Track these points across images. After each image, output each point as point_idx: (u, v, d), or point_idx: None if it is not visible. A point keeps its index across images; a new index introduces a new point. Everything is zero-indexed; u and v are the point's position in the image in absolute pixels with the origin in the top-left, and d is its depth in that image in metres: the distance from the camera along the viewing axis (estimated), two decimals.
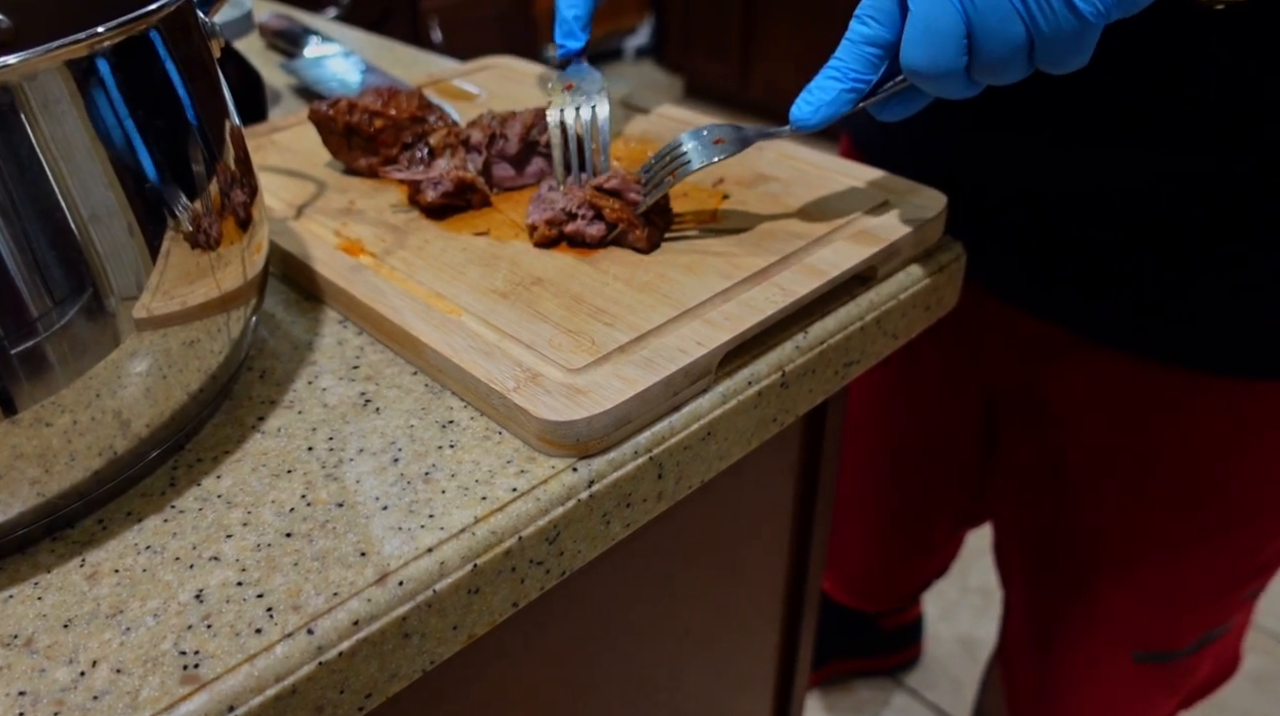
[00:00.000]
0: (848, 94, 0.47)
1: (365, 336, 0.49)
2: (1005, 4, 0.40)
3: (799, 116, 0.47)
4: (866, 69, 0.46)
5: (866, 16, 0.45)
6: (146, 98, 0.37)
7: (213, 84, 0.43)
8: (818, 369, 0.49)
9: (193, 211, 0.39)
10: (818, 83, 0.47)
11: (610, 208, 0.51)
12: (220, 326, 0.42)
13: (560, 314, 0.46)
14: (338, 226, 0.55)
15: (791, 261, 0.50)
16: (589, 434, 0.39)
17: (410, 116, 0.60)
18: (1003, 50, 0.42)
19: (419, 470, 0.39)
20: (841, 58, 0.47)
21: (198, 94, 0.41)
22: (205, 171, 0.40)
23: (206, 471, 0.40)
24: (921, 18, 0.42)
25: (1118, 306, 0.67)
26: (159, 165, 0.38)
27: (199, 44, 0.42)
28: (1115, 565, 0.80)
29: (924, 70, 0.43)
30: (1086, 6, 0.40)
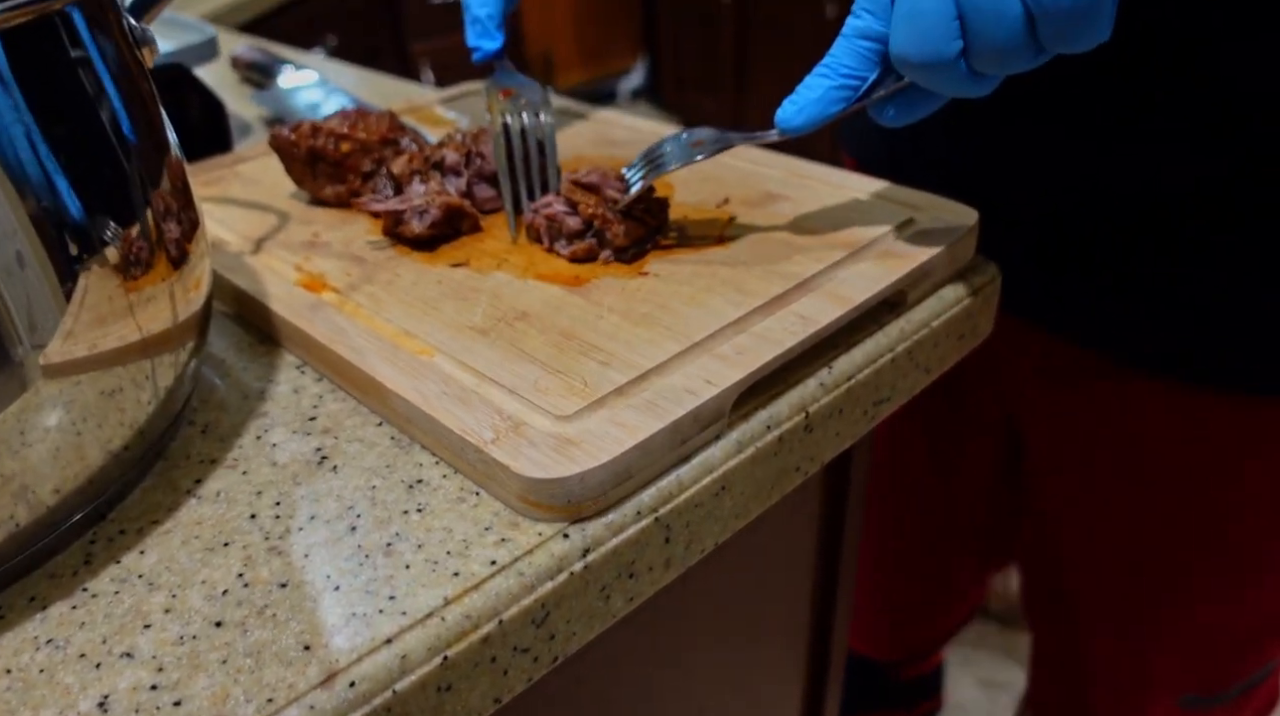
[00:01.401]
0: (837, 91, 0.41)
1: (325, 383, 0.42)
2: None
3: (783, 118, 0.42)
4: (860, 65, 0.41)
5: (861, 9, 0.40)
6: (54, 104, 0.31)
7: (143, 99, 0.37)
8: (845, 409, 0.43)
9: (110, 241, 0.33)
10: (806, 81, 0.42)
11: (585, 203, 0.45)
12: (147, 374, 0.36)
13: (547, 352, 0.39)
14: (299, 261, 0.49)
15: (811, 286, 0.43)
16: (582, 493, 0.33)
17: (380, 139, 0.54)
18: (1000, 31, 0.36)
19: (380, 540, 0.33)
20: (833, 53, 0.41)
21: (121, 107, 0.35)
22: (128, 195, 0.35)
23: (129, 545, 0.34)
24: (905, 1, 0.37)
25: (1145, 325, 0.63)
26: (68, 183, 0.32)
27: (124, 49, 0.36)
28: (1161, 606, 0.74)
29: (915, 59, 0.38)
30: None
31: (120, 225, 0.34)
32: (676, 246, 0.48)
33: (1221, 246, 0.58)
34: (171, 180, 0.38)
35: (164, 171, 0.38)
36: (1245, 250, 0.57)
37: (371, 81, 0.92)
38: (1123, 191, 0.59)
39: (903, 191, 0.52)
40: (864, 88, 0.41)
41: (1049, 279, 0.66)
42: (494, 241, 0.50)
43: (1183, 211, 0.58)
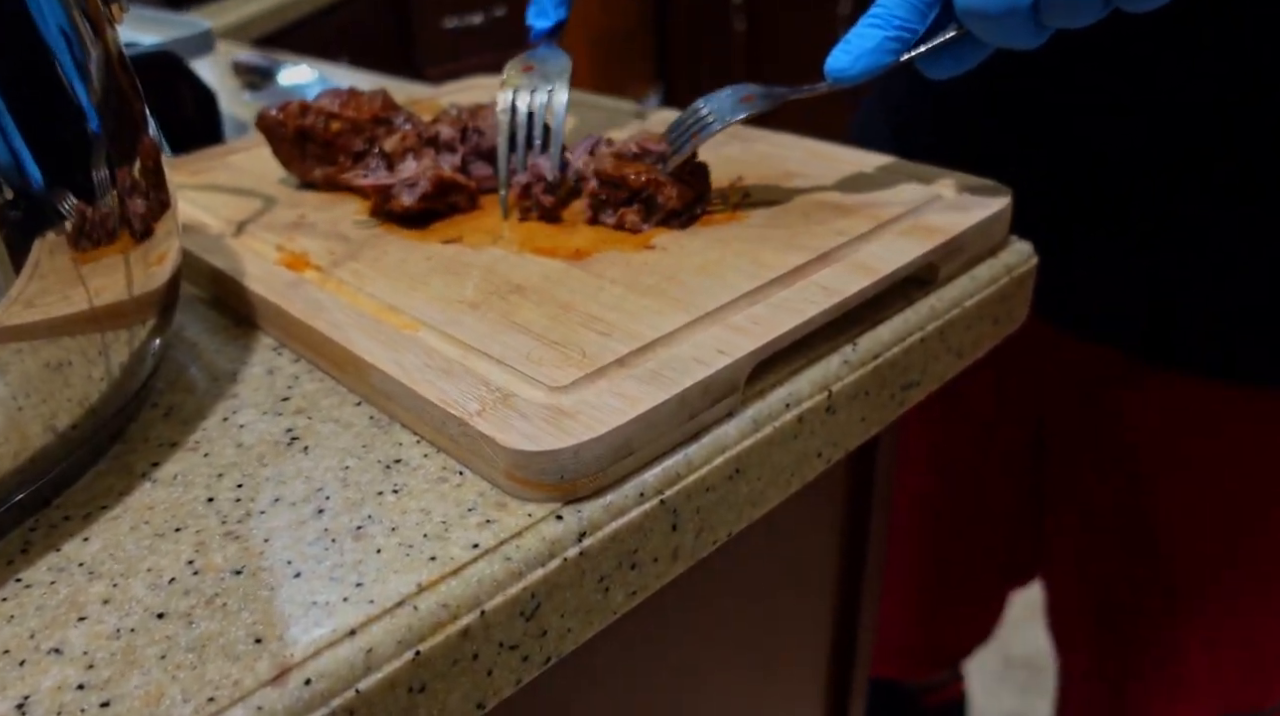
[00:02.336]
0: (891, 42, 0.39)
1: (302, 364, 0.39)
2: None
3: (836, 67, 0.39)
4: (913, 16, 0.39)
5: None
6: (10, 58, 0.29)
7: (109, 58, 0.34)
8: (871, 390, 0.39)
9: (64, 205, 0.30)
10: (857, 31, 0.39)
11: (634, 172, 0.42)
12: (99, 349, 0.32)
13: (543, 324, 0.36)
14: (281, 241, 0.45)
15: (833, 258, 0.40)
16: (577, 468, 0.29)
17: (373, 117, 0.51)
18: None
19: (349, 523, 0.29)
20: (885, 4, 0.39)
21: (78, 69, 0.32)
22: (85, 159, 0.32)
23: (73, 532, 0.30)
24: None
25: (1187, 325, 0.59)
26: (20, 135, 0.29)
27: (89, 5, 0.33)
28: (1202, 615, 0.70)
29: (983, 8, 0.36)
30: None
31: (76, 192, 0.31)
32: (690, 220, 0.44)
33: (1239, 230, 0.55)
34: (140, 156, 0.35)
35: (129, 143, 0.35)
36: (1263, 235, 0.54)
37: (373, 81, 0.89)
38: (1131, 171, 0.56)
39: (931, 169, 0.49)
40: (914, 39, 0.39)
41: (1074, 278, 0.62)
42: (490, 218, 0.46)
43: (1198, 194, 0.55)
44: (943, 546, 0.93)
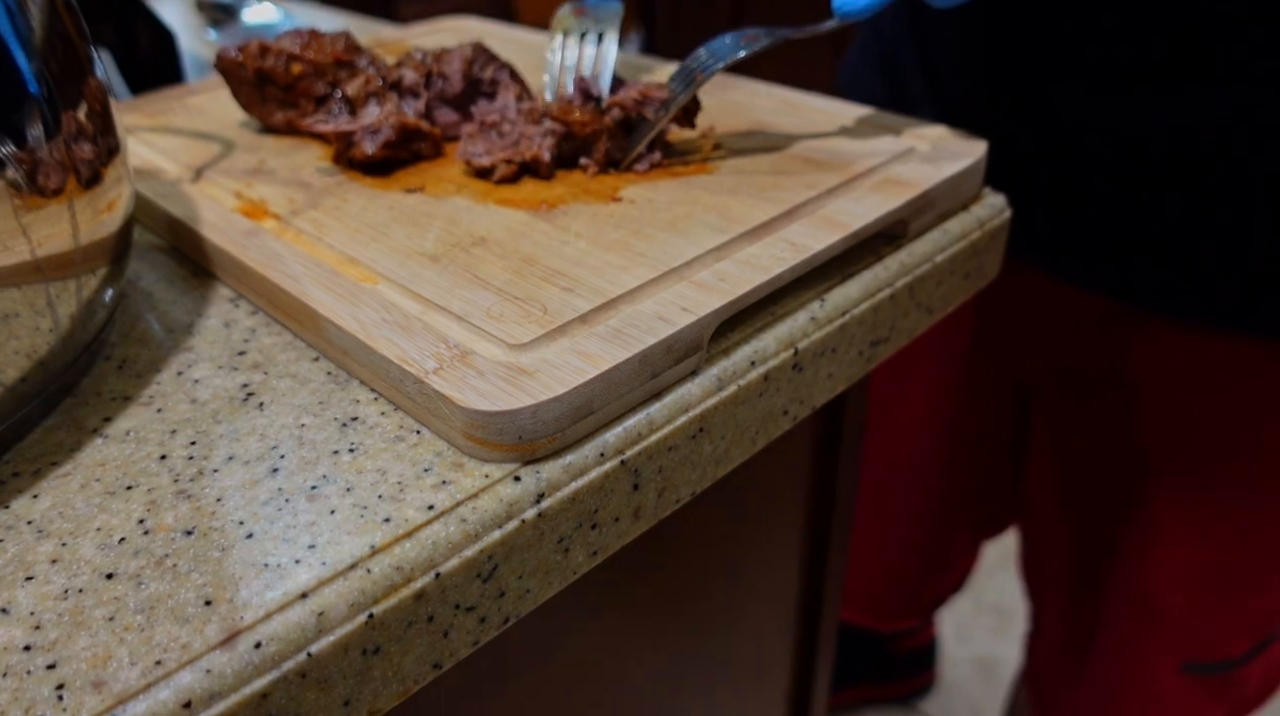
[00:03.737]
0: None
1: (260, 317, 0.38)
2: None
3: (844, 3, 0.40)
4: None
5: None
6: None
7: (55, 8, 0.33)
8: (839, 347, 0.38)
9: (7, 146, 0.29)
10: None
11: (580, 121, 0.41)
12: (46, 299, 0.31)
13: (505, 278, 0.35)
14: (240, 188, 0.44)
15: (802, 213, 0.39)
16: (536, 429, 0.29)
17: (335, 59, 0.49)
18: None
19: (303, 483, 0.29)
20: None
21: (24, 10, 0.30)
22: (21, 104, 0.30)
23: (21, 489, 0.30)
24: None
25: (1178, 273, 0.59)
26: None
27: None
28: (1175, 557, 0.71)
29: None
30: None
31: (13, 138, 0.29)
32: (657, 175, 0.44)
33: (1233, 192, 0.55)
34: (86, 99, 0.34)
35: (73, 86, 0.33)
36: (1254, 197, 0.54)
37: (340, 21, 0.86)
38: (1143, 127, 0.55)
39: (906, 120, 0.48)
40: None
41: (1059, 222, 0.62)
42: (454, 168, 0.45)
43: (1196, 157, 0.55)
44: (919, 499, 0.94)
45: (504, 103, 0.48)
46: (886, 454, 0.91)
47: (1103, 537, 0.75)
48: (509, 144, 0.44)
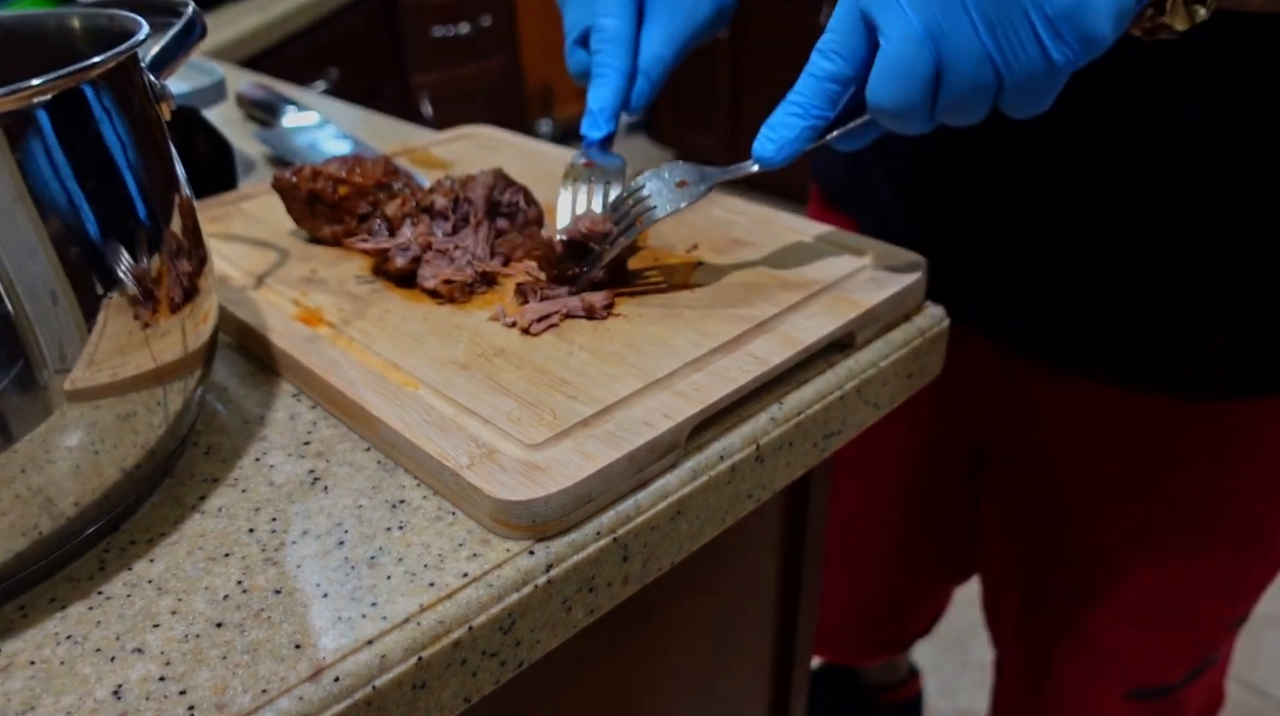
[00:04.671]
0: (809, 130, 0.46)
1: (319, 410, 0.46)
2: (979, 49, 0.40)
3: (764, 154, 0.47)
4: (826, 105, 0.46)
5: (830, 52, 0.45)
6: (82, 158, 0.36)
7: (159, 148, 0.41)
8: (795, 442, 0.46)
9: (131, 279, 0.37)
10: (779, 119, 0.47)
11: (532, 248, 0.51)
12: (159, 400, 0.40)
13: (522, 386, 0.43)
14: (297, 296, 0.53)
15: (765, 328, 0.48)
16: (547, 514, 0.37)
17: (376, 183, 0.58)
18: (970, 92, 0.42)
19: (364, 554, 0.37)
20: (803, 93, 0.46)
21: (141, 157, 0.39)
22: (147, 238, 0.39)
23: (140, 554, 0.38)
24: (894, 58, 0.42)
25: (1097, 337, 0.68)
26: (96, 230, 0.36)
27: (144, 105, 0.40)
28: (1110, 593, 0.78)
29: (889, 108, 0.43)
30: (1058, 54, 0.40)
31: (140, 266, 0.38)
32: (648, 290, 0.52)
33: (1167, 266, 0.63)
34: (184, 222, 0.42)
35: (178, 215, 0.41)
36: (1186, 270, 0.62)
37: (371, 121, 0.96)
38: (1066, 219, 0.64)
39: (859, 239, 0.56)
40: (827, 124, 0.47)
41: (1008, 297, 0.70)
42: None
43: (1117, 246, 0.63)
44: (887, 546, 1.01)
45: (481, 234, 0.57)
46: (849, 505, 0.99)
47: (1049, 583, 0.83)
48: (458, 267, 0.52)
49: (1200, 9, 0.44)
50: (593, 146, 0.58)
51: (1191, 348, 0.65)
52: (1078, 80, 0.44)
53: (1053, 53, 0.40)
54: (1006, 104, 0.43)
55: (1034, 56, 0.40)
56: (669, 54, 0.58)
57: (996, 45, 0.40)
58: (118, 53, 0.37)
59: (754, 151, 0.48)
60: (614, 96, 0.57)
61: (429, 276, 0.52)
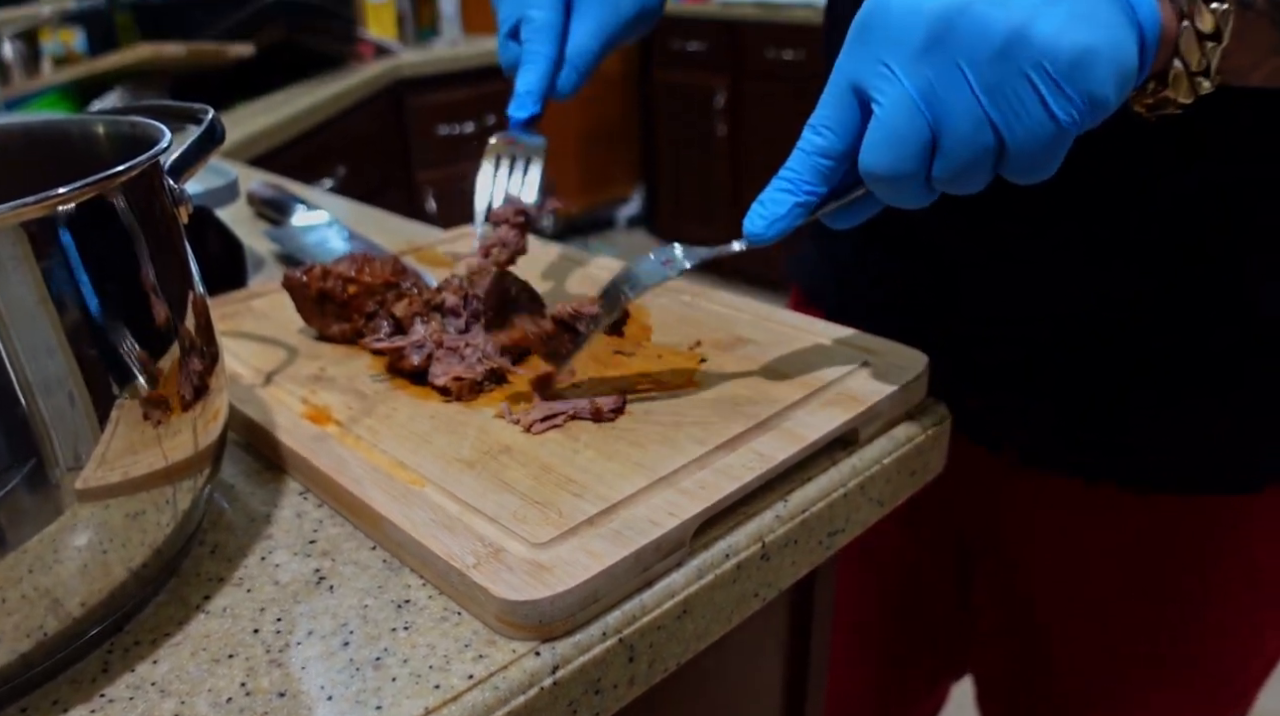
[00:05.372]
0: (800, 207, 0.46)
1: (325, 509, 0.46)
2: (978, 112, 0.40)
3: (754, 230, 0.46)
4: (818, 180, 0.45)
5: (821, 127, 0.44)
6: (103, 263, 0.36)
7: (177, 250, 0.42)
8: (800, 539, 0.47)
9: (145, 379, 0.38)
10: (770, 195, 0.46)
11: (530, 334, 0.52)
12: (168, 498, 0.40)
13: (528, 484, 0.44)
14: (305, 394, 0.53)
15: (769, 426, 0.48)
16: (553, 614, 0.37)
17: (384, 282, 0.59)
18: (970, 157, 0.41)
19: (369, 655, 0.37)
20: (794, 168, 0.46)
21: (159, 261, 0.40)
22: (162, 339, 0.39)
23: (144, 656, 0.38)
24: (888, 124, 0.41)
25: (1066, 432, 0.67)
26: (112, 331, 0.37)
27: (164, 210, 0.42)
28: (1097, 707, 0.76)
29: (885, 175, 0.42)
30: (1063, 113, 0.39)
31: (154, 366, 0.38)
32: (651, 387, 0.53)
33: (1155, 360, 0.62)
34: (198, 322, 0.43)
35: (192, 314, 0.42)
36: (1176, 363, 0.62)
37: (378, 219, 0.98)
38: (1055, 310, 0.64)
39: (860, 337, 0.57)
40: (819, 200, 0.46)
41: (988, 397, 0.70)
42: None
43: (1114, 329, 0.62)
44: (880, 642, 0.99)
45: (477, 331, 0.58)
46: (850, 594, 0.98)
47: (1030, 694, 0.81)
48: (468, 365, 0.53)
49: (1204, 81, 0.43)
50: (517, 126, 0.61)
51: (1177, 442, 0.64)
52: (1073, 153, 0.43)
53: (1058, 112, 0.39)
54: (1010, 169, 0.42)
55: (1038, 117, 0.39)
56: (595, 46, 0.61)
57: (996, 107, 0.39)
58: (141, 161, 0.38)
59: (744, 228, 0.47)
60: (540, 80, 0.60)
61: (440, 373, 0.53)
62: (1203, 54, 0.42)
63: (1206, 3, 0.42)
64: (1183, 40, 0.42)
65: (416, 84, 2.70)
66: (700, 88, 3.52)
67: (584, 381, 0.54)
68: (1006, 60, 0.39)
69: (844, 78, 0.43)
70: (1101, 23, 0.39)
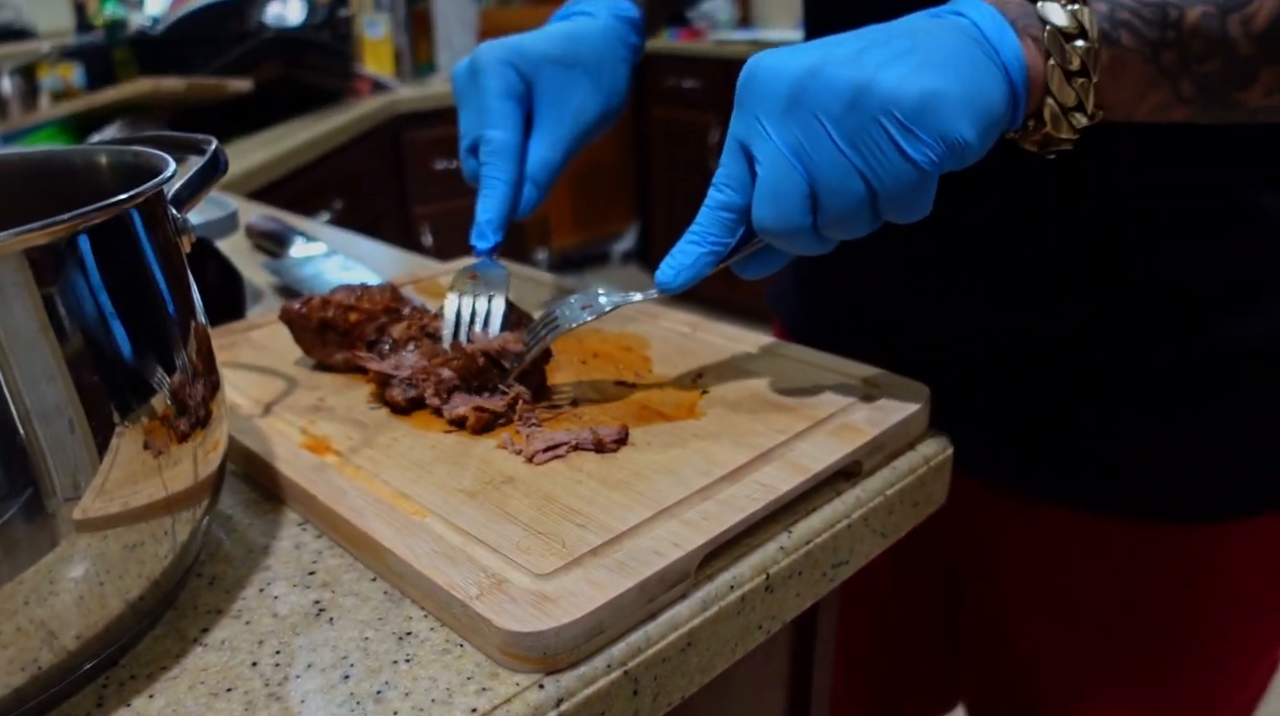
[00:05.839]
0: (707, 257, 0.49)
1: (325, 540, 0.46)
2: (843, 162, 0.42)
3: (663, 279, 0.49)
4: (723, 233, 0.48)
5: (721, 184, 0.48)
6: (106, 291, 0.36)
7: (179, 280, 0.42)
8: (804, 571, 0.46)
9: (146, 408, 0.38)
10: (679, 248, 0.49)
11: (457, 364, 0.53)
12: (166, 529, 0.39)
13: (530, 515, 0.43)
14: (305, 424, 0.53)
15: (773, 457, 0.48)
16: (557, 646, 0.36)
17: (384, 308, 0.59)
18: (846, 204, 0.44)
19: (370, 688, 0.36)
20: (700, 223, 0.49)
21: (162, 289, 0.40)
22: (163, 368, 0.39)
23: (139, 690, 0.37)
24: (768, 180, 0.45)
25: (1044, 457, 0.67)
26: (114, 360, 0.36)
27: (168, 239, 0.41)
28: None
29: (774, 228, 0.46)
30: (919, 155, 0.42)
31: (156, 395, 0.38)
32: (654, 419, 0.52)
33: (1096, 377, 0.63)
34: (199, 352, 0.43)
35: (194, 344, 0.42)
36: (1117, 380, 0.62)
37: (376, 251, 0.98)
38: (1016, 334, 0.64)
39: (864, 368, 0.57)
40: (726, 251, 0.49)
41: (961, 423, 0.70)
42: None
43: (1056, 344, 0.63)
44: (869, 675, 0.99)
45: None
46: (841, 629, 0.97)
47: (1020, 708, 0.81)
48: None
49: (1080, 116, 0.45)
50: (481, 256, 0.62)
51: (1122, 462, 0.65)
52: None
53: (914, 154, 0.42)
54: (885, 211, 0.45)
55: (895, 161, 0.42)
56: (556, 158, 0.62)
57: (860, 155, 0.42)
58: (146, 189, 0.38)
59: (656, 278, 0.50)
60: (500, 208, 0.61)
61: (459, 404, 0.52)
62: (1075, 91, 0.45)
63: (1070, 41, 0.44)
64: (1052, 79, 0.44)
65: (413, 119, 2.72)
66: (694, 124, 3.55)
67: (586, 412, 0.53)
68: (857, 110, 0.42)
69: (734, 137, 0.47)
70: (953, 67, 0.42)
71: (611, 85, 0.65)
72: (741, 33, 3.65)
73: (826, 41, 0.44)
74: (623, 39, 0.66)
